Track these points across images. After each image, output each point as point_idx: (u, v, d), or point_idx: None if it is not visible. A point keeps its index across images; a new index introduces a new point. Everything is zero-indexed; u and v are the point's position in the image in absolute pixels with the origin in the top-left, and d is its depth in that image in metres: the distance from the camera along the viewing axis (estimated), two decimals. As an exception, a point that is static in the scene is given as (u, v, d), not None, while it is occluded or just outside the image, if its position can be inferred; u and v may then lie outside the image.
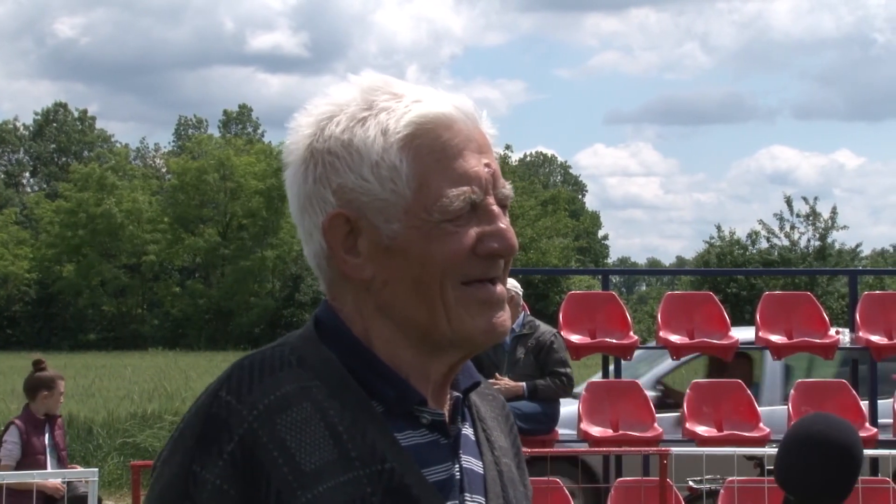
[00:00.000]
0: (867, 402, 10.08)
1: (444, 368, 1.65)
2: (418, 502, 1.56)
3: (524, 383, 9.03)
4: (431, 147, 1.59)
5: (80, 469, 8.14)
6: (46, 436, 8.41)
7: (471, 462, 1.67)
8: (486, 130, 1.67)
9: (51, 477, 7.99)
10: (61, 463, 8.41)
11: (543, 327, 9.30)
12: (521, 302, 9.37)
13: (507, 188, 1.65)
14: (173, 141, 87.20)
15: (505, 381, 8.99)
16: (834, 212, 57.93)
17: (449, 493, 1.62)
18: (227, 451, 1.53)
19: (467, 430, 1.70)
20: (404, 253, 1.58)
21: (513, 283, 9.32)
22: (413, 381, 1.62)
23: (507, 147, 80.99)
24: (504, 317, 1.63)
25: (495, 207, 1.62)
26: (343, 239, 1.61)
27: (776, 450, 1.73)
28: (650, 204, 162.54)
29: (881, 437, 9.69)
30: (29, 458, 8.29)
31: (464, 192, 1.58)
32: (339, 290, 1.65)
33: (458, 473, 1.63)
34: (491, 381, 8.93)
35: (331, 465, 1.53)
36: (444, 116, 1.60)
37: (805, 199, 58.65)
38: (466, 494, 1.64)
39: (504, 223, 1.62)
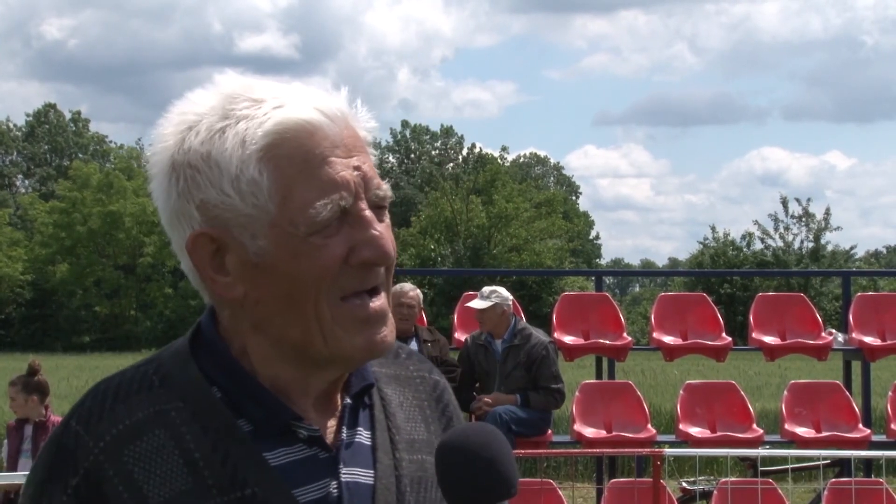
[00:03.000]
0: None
1: (324, 384, 1.58)
2: None
3: (518, 395, 9.03)
4: (292, 157, 1.49)
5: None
6: (24, 439, 8.47)
7: (356, 474, 1.58)
8: (363, 125, 1.56)
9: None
10: None
11: (535, 338, 9.14)
12: (512, 311, 9.28)
13: (382, 188, 1.54)
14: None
15: (495, 396, 9.01)
16: (827, 213, 58.06)
17: None
18: (72, 485, 1.48)
19: (362, 437, 1.62)
20: (273, 270, 1.50)
21: (505, 296, 9.18)
22: (293, 396, 1.55)
23: (504, 149, 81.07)
24: (386, 332, 1.54)
25: (367, 213, 1.52)
26: (210, 258, 1.53)
27: (769, 451, 1.69)
28: (641, 205, 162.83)
29: (874, 438, 9.70)
30: (10, 460, 8.45)
31: (331, 200, 1.48)
32: (218, 305, 1.58)
33: (335, 490, 1.55)
34: (484, 398, 8.95)
35: (184, 496, 1.48)
36: (306, 123, 1.50)
37: (798, 200, 58.79)
38: None
39: (377, 229, 1.52)
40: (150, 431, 1.50)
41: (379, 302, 1.54)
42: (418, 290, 9.33)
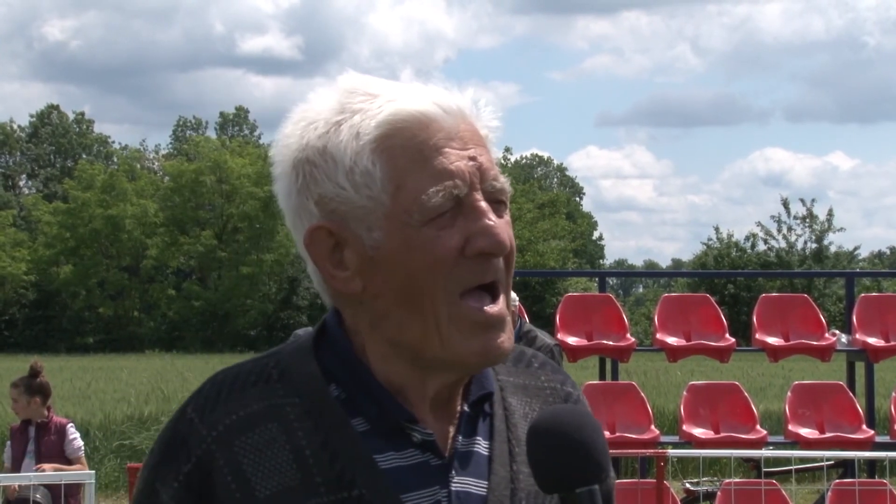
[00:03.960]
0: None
1: (441, 386, 1.55)
2: None
3: None
4: (405, 147, 1.48)
5: (76, 471, 8.11)
6: (29, 441, 8.47)
7: (468, 483, 1.54)
8: (484, 123, 1.57)
9: (47, 479, 7.99)
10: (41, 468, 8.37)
11: (540, 341, 9.04)
12: (518, 312, 9.24)
13: (499, 181, 1.52)
14: (170, 143, 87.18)
15: None
16: (830, 214, 58.06)
17: None
18: (184, 472, 1.50)
19: (479, 446, 1.58)
20: (388, 263, 1.49)
21: (513, 296, 9.13)
22: (410, 398, 1.53)
23: (507, 150, 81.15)
24: (504, 338, 1.51)
25: (482, 203, 1.50)
26: (329, 253, 1.52)
27: (773, 452, 1.67)
28: (644, 206, 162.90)
29: (878, 439, 9.69)
30: (15, 462, 8.45)
31: (444, 186, 1.47)
32: (339, 303, 1.56)
33: (444, 499, 1.52)
34: None
35: (290, 492, 1.47)
36: (420, 114, 1.50)
37: (802, 200, 58.79)
38: None
39: (492, 219, 1.50)
40: (262, 424, 1.50)
41: (497, 307, 1.51)
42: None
